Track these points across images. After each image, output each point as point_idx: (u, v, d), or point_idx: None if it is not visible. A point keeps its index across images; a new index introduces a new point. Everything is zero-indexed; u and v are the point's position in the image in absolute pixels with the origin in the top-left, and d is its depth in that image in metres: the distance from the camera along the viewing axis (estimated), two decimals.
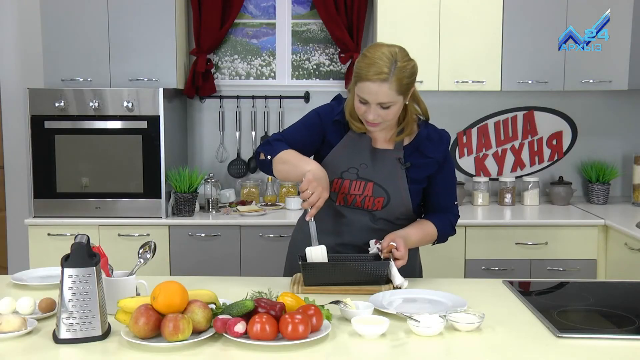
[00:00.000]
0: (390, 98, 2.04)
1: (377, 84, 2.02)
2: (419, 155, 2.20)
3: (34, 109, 3.66)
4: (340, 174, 2.19)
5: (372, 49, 2.09)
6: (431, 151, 2.21)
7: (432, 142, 2.22)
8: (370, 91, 2.03)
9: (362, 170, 2.18)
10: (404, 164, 2.18)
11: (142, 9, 3.76)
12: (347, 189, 2.19)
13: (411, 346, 1.67)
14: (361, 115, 2.11)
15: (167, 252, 3.68)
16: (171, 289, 1.69)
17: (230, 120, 4.25)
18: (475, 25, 3.82)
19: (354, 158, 2.19)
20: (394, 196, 2.19)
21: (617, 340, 1.70)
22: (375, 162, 2.19)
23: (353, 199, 2.19)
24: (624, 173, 4.25)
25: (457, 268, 3.65)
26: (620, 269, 3.49)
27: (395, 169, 2.18)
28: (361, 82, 2.04)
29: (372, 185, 2.18)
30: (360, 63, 2.06)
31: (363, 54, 2.09)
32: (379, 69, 2.01)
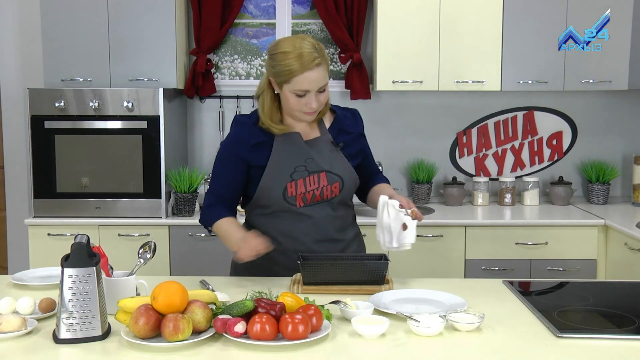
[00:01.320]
0: (325, 79, 2.11)
1: (316, 71, 2.07)
2: (344, 134, 2.28)
3: (34, 109, 3.66)
4: (290, 177, 2.18)
5: (284, 44, 2.09)
6: (352, 127, 2.31)
7: (349, 118, 2.32)
8: (311, 80, 2.07)
9: (310, 164, 2.20)
10: (338, 144, 2.24)
11: (142, 9, 3.76)
12: (304, 187, 2.18)
13: (411, 346, 1.67)
14: (299, 109, 2.12)
15: (167, 252, 3.68)
16: (171, 289, 1.69)
17: (230, 120, 4.23)
18: (475, 25, 3.82)
19: (296, 157, 2.19)
20: (345, 177, 2.23)
21: (617, 340, 1.70)
22: (316, 152, 2.21)
23: (312, 194, 2.19)
24: (624, 173, 4.25)
25: (457, 268, 3.65)
26: (620, 269, 3.49)
27: (333, 153, 2.23)
28: (297, 76, 2.05)
29: (324, 174, 2.20)
30: (285, 61, 2.06)
31: (279, 52, 2.08)
32: (311, 57, 2.06)
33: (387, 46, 3.84)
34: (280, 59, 2.07)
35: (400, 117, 4.21)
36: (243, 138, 2.19)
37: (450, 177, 4.22)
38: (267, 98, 2.17)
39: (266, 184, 2.18)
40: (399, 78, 3.85)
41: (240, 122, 2.24)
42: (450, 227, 3.66)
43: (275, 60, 2.09)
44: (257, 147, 2.18)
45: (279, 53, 2.08)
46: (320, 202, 2.21)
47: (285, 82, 2.08)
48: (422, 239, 3.61)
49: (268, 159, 2.18)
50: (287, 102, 2.14)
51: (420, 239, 3.60)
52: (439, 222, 3.67)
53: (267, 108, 2.17)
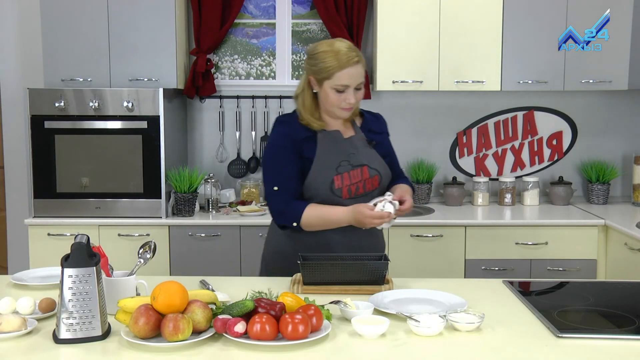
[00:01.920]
0: (363, 77, 2.28)
1: (356, 67, 2.24)
2: (373, 134, 2.44)
3: (34, 109, 3.66)
4: (336, 170, 2.30)
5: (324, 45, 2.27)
6: (378, 127, 2.49)
7: (374, 121, 2.50)
8: (351, 75, 2.23)
9: (352, 158, 2.33)
10: (371, 142, 2.40)
11: (142, 9, 3.76)
12: (349, 179, 2.31)
13: (411, 346, 1.67)
14: (338, 105, 2.26)
15: (167, 252, 3.68)
16: (171, 289, 1.69)
17: (230, 120, 4.25)
18: (475, 25, 3.82)
19: (340, 152, 2.33)
20: (383, 171, 2.39)
21: (617, 340, 1.70)
22: (356, 148, 2.36)
23: (356, 187, 2.32)
24: (624, 173, 4.25)
25: (457, 268, 3.65)
26: (620, 269, 3.49)
27: (368, 149, 2.39)
28: (340, 71, 2.21)
29: (366, 168, 2.34)
30: (326, 59, 2.23)
31: (320, 52, 2.25)
32: (350, 55, 2.23)
33: (387, 46, 3.84)
34: (322, 58, 2.24)
35: (400, 117, 4.21)
36: (290, 134, 2.32)
37: (450, 177, 4.22)
38: (307, 96, 2.33)
39: (314, 177, 2.30)
40: (399, 78, 3.85)
41: (284, 121, 2.38)
42: (450, 227, 3.66)
43: (316, 60, 2.26)
44: (305, 141, 2.32)
45: (319, 52, 2.26)
46: (362, 195, 2.33)
47: (327, 78, 2.24)
48: (422, 239, 3.61)
49: (314, 154, 2.31)
50: (326, 99, 2.28)
51: (420, 238, 3.60)
52: (439, 222, 3.67)
53: (308, 105, 2.33)
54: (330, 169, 2.29)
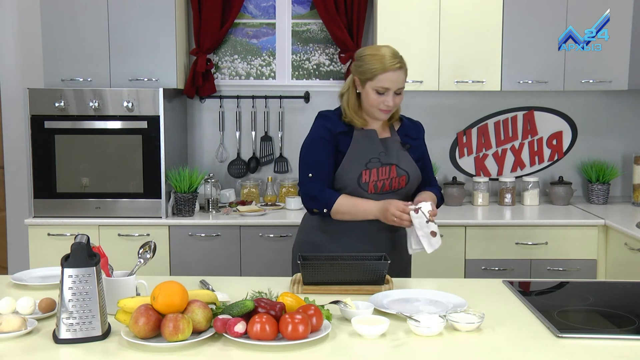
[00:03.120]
0: (403, 83, 2.43)
1: (397, 72, 2.38)
2: (409, 139, 2.55)
3: (34, 109, 3.66)
4: (365, 166, 2.42)
5: (371, 49, 2.44)
6: (415, 133, 2.60)
7: (412, 127, 2.61)
8: (392, 79, 2.36)
9: (383, 157, 2.45)
10: (405, 145, 2.51)
11: (142, 9, 3.76)
12: (376, 175, 2.43)
13: (411, 346, 1.67)
14: (377, 106, 2.40)
15: (167, 252, 3.68)
16: (171, 289, 1.69)
17: (230, 120, 4.25)
18: (475, 25, 3.82)
19: (371, 150, 2.45)
20: (411, 172, 2.49)
21: (617, 340, 1.70)
22: (387, 148, 2.48)
23: (382, 184, 2.43)
24: (624, 173, 4.25)
25: (457, 268, 3.65)
26: (620, 269, 3.49)
27: (401, 151, 2.50)
28: (383, 74, 2.35)
29: (394, 167, 2.46)
30: (372, 61, 2.37)
31: (366, 55, 2.41)
32: (394, 60, 2.37)
33: None
34: (368, 60, 2.39)
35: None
36: (329, 127, 2.45)
37: (450, 177, 4.22)
38: (352, 96, 2.46)
39: (344, 169, 2.42)
40: None
41: (324, 115, 2.51)
42: (450, 227, 3.66)
43: (362, 61, 2.41)
44: (341, 135, 2.45)
45: (365, 55, 2.41)
46: (388, 192, 2.45)
47: (370, 79, 2.38)
48: None
49: (348, 148, 2.43)
50: (367, 99, 2.41)
51: None
52: (439, 222, 3.63)
53: (352, 103, 2.46)
54: (360, 164, 2.42)
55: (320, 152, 2.44)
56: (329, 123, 2.46)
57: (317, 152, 2.45)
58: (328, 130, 2.44)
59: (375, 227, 2.43)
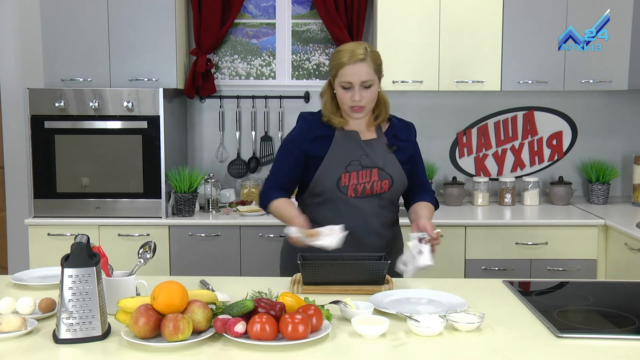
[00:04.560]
0: (370, 76, 2.31)
1: (358, 64, 2.29)
2: (397, 140, 2.46)
3: (34, 109, 3.66)
4: (345, 169, 2.36)
5: (341, 46, 2.38)
6: (405, 135, 2.50)
7: (403, 128, 2.52)
8: (352, 72, 2.29)
9: (364, 160, 2.38)
10: (391, 147, 2.43)
11: (142, 9, 3.76)
12: (356, 179, 2.36)
13: (411, 346, 1.67)
14: (346, 103, 2.33)
15: (167, 252, 3.68)
16: (171, 289, 1.69)
17: (230, 120, 4.25)
18: (475, 25, 3.82)
19: (352, 152, 2.38)
20: (396, 177, 2.40)
21: (617, 340, 1.70)
22: (372, 150, 2.40)
23: (363, 187, 2.36)
24: (624, 173, 4.25)
25: (457, 268, 3.65)
26: (620, 269, 3.49)
27: (387, 154, 2.42)
28: (342, 69, 2.30)
29: (376, 170, 2.38)
30: (335, 57, 2.34)
31: (336, 51, 2.37)
32: (355, 52, 2.30)
33: (387, 46, 3.84)
34: (335, 56, 2.34)
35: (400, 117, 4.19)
36: (305, 131, 2.42)
37: (450, 177, 4.22)
38: (328, 96, 2.42)
39: (323, 172, 2.37)
40: (399, 78, 3.85)
41: (304, 118, 2.49)
42: (450, 227, 3.66)
43: (331, 58, 2.37)
44: (318, 140, 2.40)
45: (335, 52, 2.36)
46: (369, 196, 2.38)
47: (335, 76, 2.33)
48: None
49: (327, 151, 2.38)
50: (338, 97, 2.36)
51: None
52: (439, 222, 3.65)
53: (328, 104, 2.41)
54: (340, 167, 2.36)
55: (285, 156, 2.44)
56: (307, 126, 2.43)
57: (283, 154, 2.45)
58: (302, 134, 2.41)
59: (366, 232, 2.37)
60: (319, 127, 2.41)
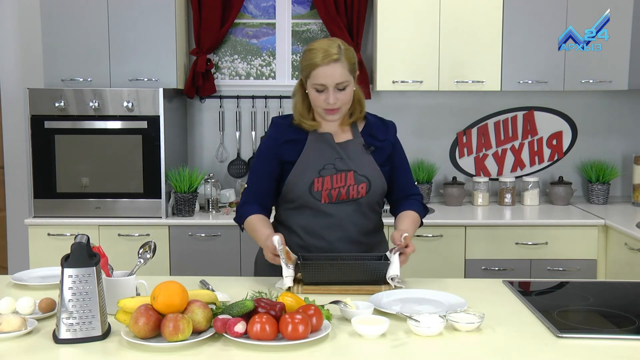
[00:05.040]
0: (344, 77, 2.17)
1: (332, 66, 2.15)
2: (374, 139, 2.32)
3: (34, 109, 3.66)
4: (318, 173, 2.24)
5: (313, 44, 2.23)
6: (382, 134, 2.35)
7: (380, 126, 2.37)
8: (326, 74, 2.15)
9: (338, 163, 2.26)
10: (369, 148, 2.29)
11: (142, 9, 3.76)
12: (330, 183, 2.24)
13: (411, 346, 1.67)
14: (320, 105, 2.20)
15: (167, 252, 3.68)
16: (171, 289, 1.69)
17: (230, 120, 4.25)
18: (475, 25, 3.82)
19: (326, 155, 2.26)
20: (374, 180, 2.27)
21: (617, 340, 1.70)
22: (346, 153, 2.27)
23: (338, 192, 2.24)
24: (624, 173, 4.25)
25: (457, 268, 3.65)
26: (620, 269, 3.49)
27: (364, 155, 2.29)
28: (315, 70, 2.16)
29: (352, 174, 2.25)
30: (307, 56, 2.19)
31: (307, 50, 2.22)
32: (328, 52, 2.16)
33: (387, 46, 3.84)
34: (306, 55, 2.20)
35: (400, 117, 4.20)
36: (277, 137, 2.29)
37: (450, 177, 4.22)
38: (299, 97, 2.29)
39: (294, 178, 2.25)
40: (399, 78, 3.85)
41: (275, 124, 2.34)
42: (450, 227, 3.66)
43: (302, 58, 2.23)
44: (290, 144, 2.28)
45: (306, 51, 2.22)
46: (345, 201, 2.25)
47: (307, 77, 2.20)
48: (422, 239, 3.61)
49: (299, 155, 2.26)
50: (310, 99, 2.23)
51: (420, 238, 3.60)
52: (439, 222, 3.67)
53: (299, 106, 2.28)
54: (313, 171, 2.24)
55: (258, 167, 2.32)
56: (277, 132, 2.30)
57: (256, 165, 2.33)
58: (273, 141, 2.29)
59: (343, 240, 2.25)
60: (290, 131, 2.28)
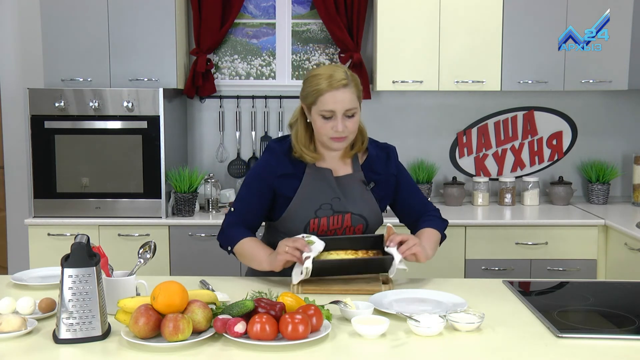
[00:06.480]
0: (354, 103, 2.09)
1: (342, 91, 2.06)
2: (375, 174, 2.24)
3: (34, 109, 3.66)
4: (314, 213, 2.16)
5: (316, 70, 2.13)
6: (383, 168, 2.26)
7: (380, 159, 2.26)
8: (336, 99, 2.05)
9: (336, 203, 2.17)
10: (368, 184, 2.22)
11: (142, 9, 3.76)
12: (327, 225, 2.17)
13: (411, 346, 1.67)
14: (326, 134, 2.10)
15: (167, 252, 3.68)
16: (171, 289, 1.69)
17: (230, 120, 4.25)
18: (475, 25, 3.82)
19: (324, 194, 2.17)
20: (371, 219, 2.22)
21: (617, 340, 1.70)
22: (344, 192, 2.18)
23: (334, 234, 2.18)
24: (624, 173, 4.25)
25: (457, 268, 3.65)
26: (620, 269, 3.49)
27: (363, 192, 2.21)
28: (323, 95, 2.06)
29: (349, 215, 2.18)
30: (312, 82, 2.09)
31: (311, 76, 2.11)
32: (338, 77, 2.06)
33: (387, 46, 3.84)
34: (311, 81, 2.10)
35: (400, 117, 4.21)
36: (272, 167, 2.18)
37: (450, 177, 4.22)
38: (301, 126, 2.17)
39: (290, 216, 2.17)
40: (399, 78, 3.85)
41: (272, 150, 2.22)
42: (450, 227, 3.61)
43: (306, 84, 2.12)
44: (286, 177, 2.17)
45: (310, 77, 2.12)
46: None
47: (313, 103, 2.09)
48: None
49: (295, 191, 2.17)
50: (315, 127, 2.12)
51: None
52: None
53: (301, 136, 2.17)
54: (309, 211, 2.16)
55: (251, 191, 2.21)
56: (274, 161, 2.18)
57: (248, 189, 2.21)
58: (270, 170, 2.17)
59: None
60: (287, 162, 2.17)
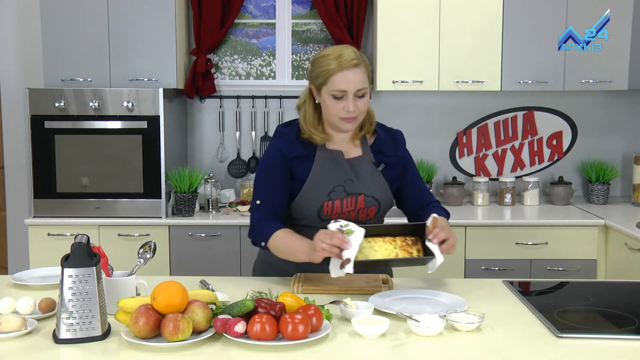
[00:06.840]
0: (364, 83, 2.09)
1: (353, 71, 2.06)
2: (384, 156, 2.24)
3: (34, 109, 3.66)
4: (328, 196, 2.15)
5: (325, 50, 2.14)
6: (392, 149, 2.26)
7: (388, 141, 2.27)
8: (347, 79, 2.05)
9: (349, 185, 2.16)
10: (378, 166, 2.21)
11: (142, 9, 3.76)
12: (340, 207, 2.15)
13: (411, 346, 1.67)
14: (336, 114, 2.09)
15: (167, 252, 3.68)
16: (171, 289, 1.69)
17: (230, 120, 4.25)
18: (475, 25, 3.82)
19: (336, 176, 2.16)
20: (383, 201, 2.21)
21: (617, 340, 1.70)
22: (356, 174, 2.18)
23: (347, 216, 2.16)
24: (624, 173, 4.26)
25: (457, 268, 3.65)
26: (620, 269, 3.49)
27: (374, 174, 2.20)
28: (334, 75, 2.06)
29: (362, 197, 2.17)
30: (322, 62, 2.09)
31: (318, 57, 2.11)
32: (348, 57, 2.07)
33: (387, 46, 3.84)
34: (320, 62, 2.09)
35: (400, 117, 4.21)
36: (285, 150, 2.16)
37: (450, 177, 4.22)
38: (309, 107, 2.16)
39: (303, 200, 2.15)
40: (399, 78, 3.85)
41: (281, 134, 2.21)
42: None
43: (315, 65, 2.12)
44: (299, 160, 2.16)
45: (317, 58, 2.12)
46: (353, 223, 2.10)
47: (323, 84, 2.08)
48: None
49: (308, 174, 2.15)
50: (326, 108, 2.11)
51: None
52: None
53: (310, 117, 2.16)
54: (322, 193, 2.14)
55: (270, 178, 2.17)
56: (285, 145, 2.16)
57: (267, 178, 2.18)
58: (282, 154, 2.15)
59: None
60: (298, 144, 2.17)
